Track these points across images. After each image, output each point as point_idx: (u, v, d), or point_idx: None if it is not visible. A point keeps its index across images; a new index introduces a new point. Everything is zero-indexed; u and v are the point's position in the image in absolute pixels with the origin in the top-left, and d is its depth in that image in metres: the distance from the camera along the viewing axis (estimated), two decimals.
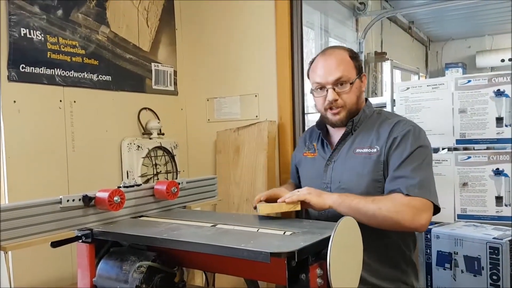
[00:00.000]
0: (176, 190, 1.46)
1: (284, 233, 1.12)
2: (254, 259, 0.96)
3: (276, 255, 0.93)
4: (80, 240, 1.23)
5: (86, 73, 2.06)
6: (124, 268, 1.17)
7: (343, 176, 1.47)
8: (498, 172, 2.01)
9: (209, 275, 1.53)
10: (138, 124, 2.33)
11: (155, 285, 1.15)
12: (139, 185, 1.43)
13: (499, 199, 2.02)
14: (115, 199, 1.25)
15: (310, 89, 1.56)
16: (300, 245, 0.97)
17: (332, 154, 1.53)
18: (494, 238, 1.89)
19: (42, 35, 1.88)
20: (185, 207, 1.58)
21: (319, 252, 1.01)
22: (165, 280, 1.18)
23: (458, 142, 2.11)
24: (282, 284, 1.01)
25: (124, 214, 1.36)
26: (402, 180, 1.35)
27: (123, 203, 1.28)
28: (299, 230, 1.13)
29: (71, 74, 1.99)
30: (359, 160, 1.45)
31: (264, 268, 1.06)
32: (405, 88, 2.24)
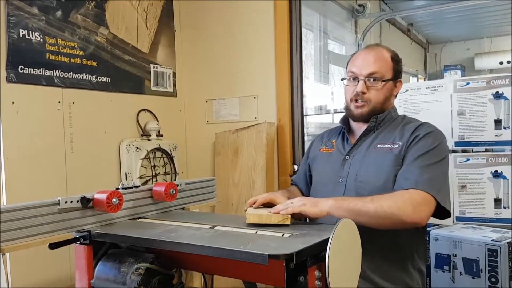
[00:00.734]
0: (174, 192, 1.46)
1: (283, 235, 1.12)
2: (253, 261, 0.95)
3: (274, 257, 0.93)
4: (78, 242, 1.22)
5: (85, 74, 2.06)
6: (122, 270, 1.17)
7: (361, 169, 1.46)
8: (497, 174, 2.01)
9: (207, 277, 1.52)
10: (137, 125, 2.33)
11: (153, 287, 1.15)
12: (137, 186, 1.43)
13: (497, 201, 2.02)
14: (113, 201, 1.25)
15: (341, 78, 1.57)
16: (298, 247, 0.96)
17: (352, 149, 1.53)
18: (492, 241, 1.89)
19: (41, 36, 1.88)
20: (183, 208, 1.58)
21: (318, 254, 1.01)
22: (163, 282, 1.17)
23: (457, 144, 2.11)
24: (280, 286, 1.01)
25: (123, 216, 1.36)
26: (411, 175, 1.34)
27: (121, 205, 1.28)
28: (297, 232, 1.13)
29: (70, 75, 1.99)
30: (379, 154, 1.45)
31: (262, 270, 1.06)
32: (403, 90, 2.24)
